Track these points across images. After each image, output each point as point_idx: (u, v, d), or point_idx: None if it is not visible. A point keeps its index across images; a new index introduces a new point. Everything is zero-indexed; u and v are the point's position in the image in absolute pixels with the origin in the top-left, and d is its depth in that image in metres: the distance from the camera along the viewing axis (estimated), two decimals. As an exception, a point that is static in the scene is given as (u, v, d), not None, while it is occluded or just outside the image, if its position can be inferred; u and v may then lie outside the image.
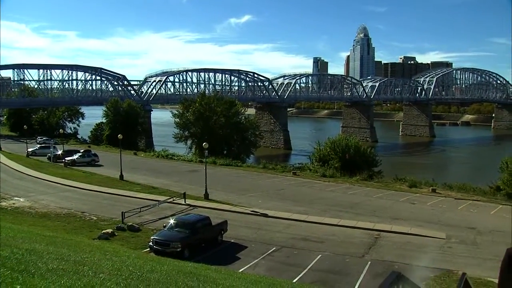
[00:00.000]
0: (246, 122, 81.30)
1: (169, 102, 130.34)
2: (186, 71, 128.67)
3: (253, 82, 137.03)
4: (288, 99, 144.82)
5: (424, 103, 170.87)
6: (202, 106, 77.31)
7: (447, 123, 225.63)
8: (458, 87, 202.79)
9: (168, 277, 10.59)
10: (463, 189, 50.58)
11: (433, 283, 21.91)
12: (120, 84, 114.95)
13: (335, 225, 32.09)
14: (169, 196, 37.53)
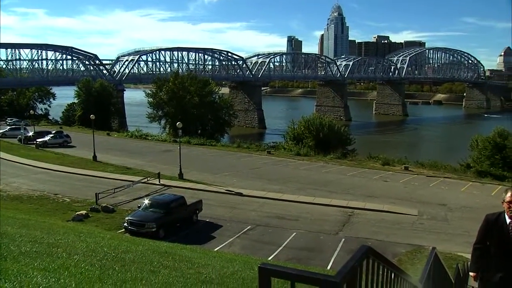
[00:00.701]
0: (220, 101, 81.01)
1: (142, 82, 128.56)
2: (159, 50, 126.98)
3: (227, 61, 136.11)
4: (262, 78, 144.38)
5: (397, 82, 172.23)
6: (176, 86, 76.64)
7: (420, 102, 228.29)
8: (431, 67, 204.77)
9: (143, 257, 10.62)
10: (434, 167, 51.55)
11: (405, 258, 22.42)
12: (92, 63, 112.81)
13: (309, 203, 32.44)
14: (144, 177, 37.33)
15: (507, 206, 5.67)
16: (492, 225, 5.81)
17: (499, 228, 5.71)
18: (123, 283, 6.99)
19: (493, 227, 5.79)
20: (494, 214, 5.91)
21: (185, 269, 9.77)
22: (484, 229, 5.96)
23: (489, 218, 5.91)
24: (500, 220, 5.75)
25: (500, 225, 5.72)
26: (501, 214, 5.78)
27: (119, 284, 6.81)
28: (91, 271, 7.51)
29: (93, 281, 6.66)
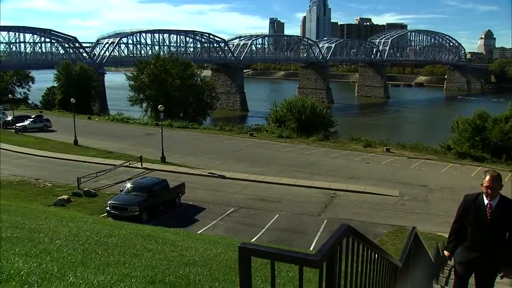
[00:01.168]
0: (202, 84, 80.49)
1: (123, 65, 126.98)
2: (140, 32, 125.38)
3: (209, 43, 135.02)
4: (244, 61, 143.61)
5: (379, 64, 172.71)
6: (157, 68, 75.92)
7: (402, 84, 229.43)
8: (412, 49, 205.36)
9: (126, 241, 10.60)
10: (415, 149, 52.13)
11: (387, 238, 22.77)
12: (71, 46, 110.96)
13: (292, 185, 32.63)
14: (126, 160, 37.13)
15: (485, 189, 5.74)
16: (470, 205, 5.93)
17: (476, 208, 5.83)
18: (106, 266, 6.98)
19: (471, 207, 5.90)
20: (472, 194, 6.03)
21: (168, 252, 9.78)
22: (462, 208, 6.07)
23: (467, 198, 6.03)
24: (478, 201, 5.86)
25: (478, 206, 5.83)
26: (480, 195, 5.89)
27: (102, 268, 6.80)
28: (73, 255, 7.48)
29: (76, 265, 6.64)
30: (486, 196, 5.76)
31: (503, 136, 50.54)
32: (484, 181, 5.76)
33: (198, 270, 7.66)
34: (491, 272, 6.00)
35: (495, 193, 5.72)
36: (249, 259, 1.79)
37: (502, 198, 5.81)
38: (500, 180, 5.79)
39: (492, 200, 5.76)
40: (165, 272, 7.10)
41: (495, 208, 5.73)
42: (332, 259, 1.94)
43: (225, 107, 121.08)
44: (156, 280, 6.47)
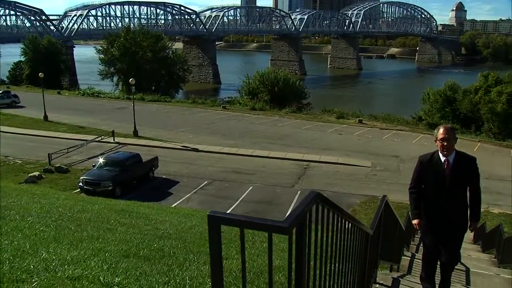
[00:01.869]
0: (174, 56, 79.42)
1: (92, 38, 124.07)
2: (109, 4, 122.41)
3: (180, 15, 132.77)
4: (216, 33, 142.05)
5: (351, 36, 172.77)
6: (127, 41, 74.59)
7: (374, 56, 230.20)
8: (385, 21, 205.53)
9: (99, 216, 10.57)
10: (387, 120, 52.84)
11: (359, 208, 23.19)
12: (38, 19, 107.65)
13: (265, 157, 32.79)
14: (97, 135, 36.67)
15: (440, 143, 5.47)
16: (426, 166, 5.67)
17: (433, 168, 5.57)
18: (79, 242, 6.96)
19: (428, 168, 5.64)
20: (427, 154, 5.78)
21: (143, 226, 9.79)
22: (418, 171, 5.79)
23: (422, 159, 5.77)
24: (434, 160, 5.61)
25: (435, 164, 5.57)
26: (435, 154, 5.65)
27: (75, 243, 6.77)
28: (46, 232, 7.43)
29: (48, 242, 6.60)
30: (442, 151, 5.50)
31: (472, 107, 51.55)
32: (438, 133, 5.51)
33: (173, 243, 7.69)
34: (458, 234, 5.76)
35: (450, 147, 5.45)
36: (219, 227, 1.80)
37: (458, 153, 5.58)
38: (454, 133, 5.58)
39: (449, 156, 5.51)
40: (139, 246, 7.12)
41: (453, 164, 5.49)
42: (301, 225, 1.96)
43: (197, 80, 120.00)
44: (130, 253, 6.48)
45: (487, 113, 49.95)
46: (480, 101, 51.17)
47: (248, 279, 5.30)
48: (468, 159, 5.57)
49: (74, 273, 4.92)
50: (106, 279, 4.79)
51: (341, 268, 3.41)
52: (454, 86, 56.20)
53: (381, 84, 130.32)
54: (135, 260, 6.10)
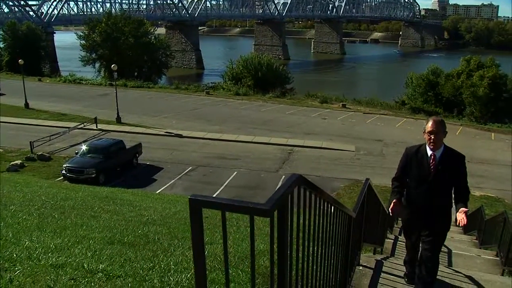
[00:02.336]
0: (156, 42, 78.74)
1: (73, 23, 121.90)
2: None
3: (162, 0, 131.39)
4: (199, 18, 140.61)
5: (335, 20, 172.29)
6: (109, 27, 73.66)
7: (357, 41, 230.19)
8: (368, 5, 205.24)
9: (83, 203, 10.53)
10: (371, 104, 53.11)
11: (343, 192, 23.38)
12: (16, 4, 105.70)
13: (249, 142, 32.83)
14: (80, 122, 36.33)
15: (428, 137, 5.16)
16: (411, 158, 5.39)
17: (418, 161, 5.30)
18: (63, 229, 6.93)
19: (413, 160, 5.36)
20: (414, 146, 5.51)
21: (127, 213, 9.78)
22: (403, 162, 5.52)
23: (409, 151, 5.49)
24: (420, 153, 5.33)
25: (420, 158, 5.30)
26: (422, 146, 5.36)
27: (58, 231, 6.75)
28: (29, 220, 7.39)
29: (32, 230, 6.57)
30: (429, 145, 5.19)
31: (454, 91, 52.07)
32: (427, 126, 5.19)
33: (157, 229, 7.69)
34: (439, 230, 5.38)
35: (438, 140, 5.13)
36: (200, 210, 1.80)
37: (446, 149, 5.25)
38: (444, 126, 5.21)
39: (436, 151, 5.20)
40: (124, 232, 7.11)
41: (440, 159, 5.19)
42: (283, 208, 1.97)
43: (180, 65, 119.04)
44: (114, 240, 6.47)
45: (469, 97, 50.48)
46: (462, 85, 51.70)
47: (233, 263, 5.33)
48: (456, 156, 5.25)
49: (58, 261, 4.90)
50: (90, 266, 4.78)
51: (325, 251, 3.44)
52: (437, 71, 56.70)
53: (364, 68, 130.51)
54: (119, 246, 6.09)
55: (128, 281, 4.45)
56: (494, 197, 24.63)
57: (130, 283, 4.37)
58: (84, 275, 4.51)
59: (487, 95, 49.60)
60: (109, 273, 4.61)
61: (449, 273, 6.34)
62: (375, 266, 5.89)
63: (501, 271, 9.70)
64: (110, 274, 4.59)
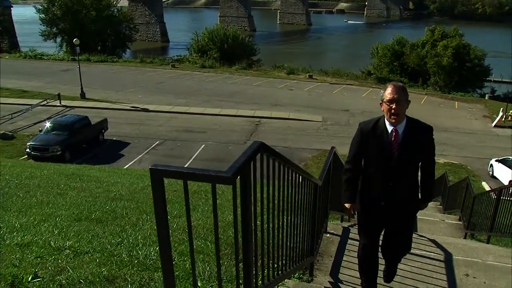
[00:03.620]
0: (119, 15, 77.00)
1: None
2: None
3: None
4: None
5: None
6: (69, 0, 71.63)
7: (323, 11, 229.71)
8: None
9: (49, 181, 10.38)
10: (337, 75, 53.45)
11: (311, 162, 23.64)
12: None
13: (216, 114, 32.78)
14: (43, 99, 35.47)
15: (387, 107, 4.07)
16: (368, 136, 4.25)
17: (377, 139, 4.18)
18: (28, 208, 6.84)
19: (370, 139, 4.22)
20: (369, 121, 4.35)
21: (94, 189, 9.69)
22: (357, 143, 4.37)
23: (363, 127, 4.35)
24: (378, 129, 4.19)
25: (379, 135, 4.17)
26: (380, 121, 4.23)
27: (24, 210, 6.67)
28: (-8, 200, 7.26)
29: (-4, 210, 6.45)
30: (389, 118, 4.10)
31: (419, 61, 52.86)
32: (385, 94, 4.12)
33: (125, 204, 7.66)
34: (406, 221, 4.46)
35: (400, 112, 4.05)
36: (162, 180, 1.78)
37: (410, 121, 4.17)
38: (406, 93, 4.11)
39: (398, 125, 4.11)
40: (91, 209, 7.07)
41: (403, 135, 4.12)
42: (245, 175, 1.97)
43: (145, 38, 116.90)
44: (82, 217, 6.43)
45: (434, 67, 51.31)
46: (427, 55, 52.47)
47: (202, 235, 5.36)
48: (422, 129, 4.20)
49: (24, 240, 4.85)
50: (57, 243, 4.74)
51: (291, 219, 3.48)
52: (402, 41, 57.30)
53: (330, 39, 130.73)
54: (87, 223, 6.05)
55: (96, 256, 4.43)
56: (457, 164, 25.32)
57: (98, 259, 4.35)
58: (51, 252, 4.47)
59: (450, 65, 50.49)
60: (76, 250, 4.59)
61: (414, 238, 6.50)
62: (342, 233, 6.00)
63: (464, 234, 10.04)
64: (78, 251, 4.57)
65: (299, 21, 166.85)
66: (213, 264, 4.06)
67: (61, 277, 3.80)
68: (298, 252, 3.96)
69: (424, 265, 5.12)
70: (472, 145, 27.94)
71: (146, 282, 3.80)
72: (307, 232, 4.30)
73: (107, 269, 4.03)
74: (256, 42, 72.12)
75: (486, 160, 25.59)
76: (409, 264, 5.06)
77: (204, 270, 4.06)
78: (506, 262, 5.55)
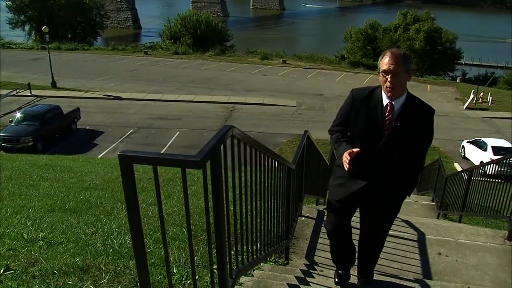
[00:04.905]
0: (89, 1, 75.60)
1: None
2: None
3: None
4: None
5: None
6: (37, -14, 70.01)
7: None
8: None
9: (21, 173, 10.24)
10: (311, 59, 53.62)
11: (286, 147, 23.74)
12: None
13: (190, 101, 32.66)
14: (12, 89, 34.69)
15: (383, 78, 3.42)
16: (359, 105, 3.62)
17: (369, 111, 3.55)
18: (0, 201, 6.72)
19: (361, 108, 3.59)
20: (364, 89, 3.69)
21: (68, 179, 9.58)
22: (346, 111, 3.74)
23: (356, 94, 3.69)
24: (372, 100, 3.57)
25: (372, 107, 3.54)
26: (376, 90, 3.59)
27: (-5, 203, 6.54)
28: (-38, 193, 7.13)
29: (-35, 203, 6.33)
30: (386, 90, 3.45)
31: (392, 44, 53.22)
32: (382, 63, 3.41)
33: (100, 193, 7.60)
34: (387, 209, 3.83)
35: (397, 86, 3.40)
36: (131, 166, 1.77)
37: (410, 97, 3.56)
38: (407, 63, 3.39)
39: (395, 99, 3.49)
40: (65, 199, 7.00)
41: (399, 112, 3.51)
42: (215, 158, 1.96)
43: (116, 25, 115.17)
44: (55, 207, 6.36)
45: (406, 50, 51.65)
46: (399, 39, 52.96)
47: (177, 221, 5.36)
48: (423, 109, 3.60)
49: (-5, 232, 4.77)
50: (30, 235, 4.67)
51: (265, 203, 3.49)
52: (375, 25, 57.69)
53: (304, 24, 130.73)
54: (60, 213, 5.99)
55: (70, 246, 4.39)
56: (430, 146, 25.68)
57: (72, 249, 4.31)
58: (24, 244, 4.41)
59: (422, 48, 51.16)
60: (50, 241, 4.54)
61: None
62: (316, 216, 6.05)
63: (437, 214, 10.24)
64: (51, 242, 4.52)
65: (272, 6, 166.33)
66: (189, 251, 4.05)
67: (34, 269, 3.76)
68: (273, 235, 3.99)
69: (397, 245, 5.20)
70: (445, 127, 28.37)
71: (121, 271, 3.78)
72: (282, 215, 4.32)
73: (82, 259, 3.99)
74: (229, 27, 71.82)
75: (458, 141, 26.09)
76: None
77: (180, 256, 4.06)
78: (476, 240, 5.68)
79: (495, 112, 33.85)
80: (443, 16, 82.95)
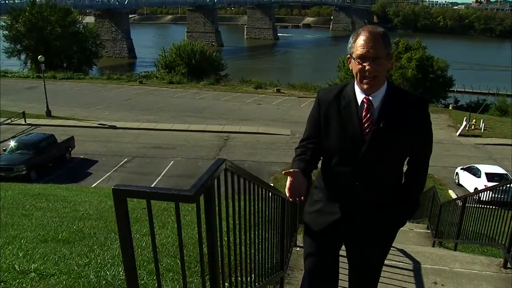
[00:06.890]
0: (85, 31, 76.30)
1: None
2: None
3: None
4: (129, 5, 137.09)
5: (267, 6, 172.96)
6: (34, 16, 70.57)
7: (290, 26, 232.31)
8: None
9: (14, 202, 10.16)
10: (305, 88, 54.01)
11: (280, 176, 23.67)
12: None
13: (185, 130, 32.69)
14: (7, 117, 34.74)
15: (358, 66, 2.67)
16: (328, 109, 2.85)
17: (341, 113, 2.77)
18: (-9, 231, 6.65)
19: (331, 112, 2.83)
20: (331, 89, 2.98)
21: (61, 209, 9.52)
22: (314, 116, 2.97)
23: (323, 96, 2.95)
24: (344, 98, 2.80)
25: (344, 106, 2.77)
26: (347, 87, 2.83)
27: (-14, 233, 6.47)
28: (-47, 223, 7.05)
29: (-44, 233, 6.27)
30: (360, 82, 2.71)
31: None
32: (356, 46, 2.71)
33: (93, 223, 7.55)
34: (376, 244, 2.97)
35: (378, 73, 2.69)
36: (125, 200, 1.78)
37: (391, 88, 2.81)
38: (387, 44, 2.71)
39: (373, 92, 2.72)
40: (58, 229, 6.93)
41: (380, 108, 2.72)
42: (208, 193, 1.97)
43: (111, 55, 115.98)
44: (48, 238, 6.30)
45: (399, 79, 52.35)
46: (392, 67, 53.49)
47: (171, 252, 5.32)
48: (411, 101, 2.79)
49: (-14, 265, 4.71)
50: (22, 266, 4.61)
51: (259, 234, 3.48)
52: (367, 54, 58.27)
53: (297, 53, 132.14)
54: (53, 244, 5.93)
55: (63, 278, 4.34)
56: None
57: (65, 281, 4.26)
58: (15, 276, 4.35)
59: (415, 76, 51.66)
60: (42, 272, 4.48)
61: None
62: (312, 246, 6.00)
63: (432, 242, 10.21)
64: (44, 273, 4.46)
65: (266, 36, 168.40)
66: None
67: (25, 302, 3.71)
68: (267, 266, 3.97)
69: (393, 275, 5.16)
70: (438, 154, 28.46)
71: (114, 303, 3.73)
72: (276, 246, 4.31)
73: (74, 291, 3.95)
74: (223, 57, 72.40)
75: (452, 168, 26.17)
76: (378, 275, 5.10)
77: (173, 288, 4.03)
78: (472, 268, 5.66)
79: (488, 138, 34.07)
80: (434, 44, 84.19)
